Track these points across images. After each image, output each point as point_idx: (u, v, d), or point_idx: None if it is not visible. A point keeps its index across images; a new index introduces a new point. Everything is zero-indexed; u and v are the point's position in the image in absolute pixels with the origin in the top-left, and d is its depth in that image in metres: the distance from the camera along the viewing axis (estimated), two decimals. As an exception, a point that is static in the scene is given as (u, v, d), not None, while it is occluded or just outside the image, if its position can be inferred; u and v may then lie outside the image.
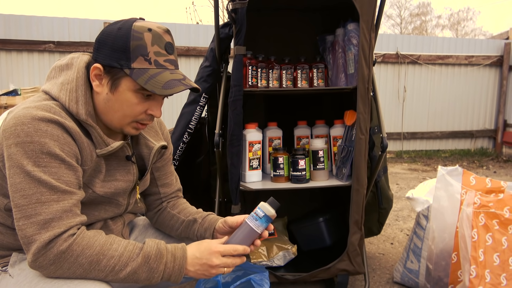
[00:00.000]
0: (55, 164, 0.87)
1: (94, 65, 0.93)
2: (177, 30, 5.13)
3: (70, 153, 0.90)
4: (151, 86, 0.91)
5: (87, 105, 0.95)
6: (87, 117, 0.94)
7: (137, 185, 1.11)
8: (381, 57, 5.62)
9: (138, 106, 0.96)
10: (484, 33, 20.88)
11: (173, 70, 0.96)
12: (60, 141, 0.88)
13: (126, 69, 0.92)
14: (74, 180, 0.90)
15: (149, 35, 0.93)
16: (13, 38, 4.64)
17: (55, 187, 0.86)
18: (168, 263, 0.93)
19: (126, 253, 0.90)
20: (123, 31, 0.92)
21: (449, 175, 1.62)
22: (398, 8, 20.94)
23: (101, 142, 0.97)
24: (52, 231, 0.84)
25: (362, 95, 1.66)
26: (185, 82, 0.96)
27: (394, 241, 2.52)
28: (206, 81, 1.93)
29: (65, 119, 0.90)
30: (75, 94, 0.94)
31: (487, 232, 1.41)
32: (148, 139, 1.13)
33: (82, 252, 0.86)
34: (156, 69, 0.93)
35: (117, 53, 0.91)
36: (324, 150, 1.86)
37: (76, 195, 0.90)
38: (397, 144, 5.97)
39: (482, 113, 6.24)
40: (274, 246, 1.87)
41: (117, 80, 0.93)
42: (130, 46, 0.91)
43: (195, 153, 2.07)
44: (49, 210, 0.85)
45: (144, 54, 0.92)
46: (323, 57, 2.05)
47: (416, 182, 4.25)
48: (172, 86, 0.93)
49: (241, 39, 1.65)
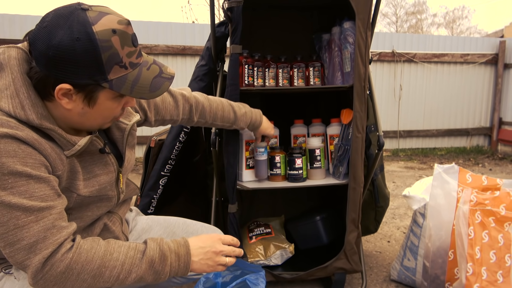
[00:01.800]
0: (22, 182, 0.79)
1: (60, 86, 0.81)
2: (173, 29, 5.11)
3: (35, 165, 0.81)
4: (138, 93, 0.87)
5: (36, 107, 0.83)
6: (40, 121, 0.83)
7: (120, 173, 1.05)
8: (377, 55, 5.63)
9: (117, 108, 0.93)
10: (479, 32, 20.98)
11: (144, 62, 0.89)
12: (19, 156, 0.79)
13: (103, 83, 0.83)
14: (49, 191, 0.83)
15: (116, 38, 0.81)
16: (7, 38, 4.60)
17: (29, 208, 0.79)
18: (173, 263, 0.93)
19: (128, 260, 0.88)
20: (85, 43, 0.78)
21: (445, 173, 1.63)
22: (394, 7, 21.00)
23: (66, 142, 0.88)
24: (41, 253, 0.80)
25: (358, 93, 1.65)
26: (166, 75, 0.92)
27: (391, 239, 2.53)
28: (202, 80, 1.92)
29: (16, 129, 0.80)
30: (18, 99, 0.82)
31: (483, 230, 1.41)
32: (119, 120, 1.05)
33: (82, 269, 0.83)
34: (133, 71, 0.86)
35: (87, 70, 0.80)
36: (321, 149, 1.86)
37: (55, 208, 0.84)
38: (393, 142, 5.99)
39: (478, 111, 6.26)
40: (271, 245, 1.86)
41: (94, 95, 0.85)
42: (101, 59, 0.80)
43: (191, 152, 2.06)
44: (30, 233, 0.79)
45: (119, 62, 0.83)
46: (319, 56, 2.05)
47: (412, 180, 4.26)
48: (158, 86, 0.89)
49: (237, 38, 1.64)
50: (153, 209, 1.93)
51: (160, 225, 1.28)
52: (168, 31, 5.09)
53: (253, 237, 1.92)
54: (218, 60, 1.91)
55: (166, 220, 1.30)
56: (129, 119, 1.08)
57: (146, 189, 1.89)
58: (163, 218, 1.31)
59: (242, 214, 2.14)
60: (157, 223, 1.29)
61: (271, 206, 2.25)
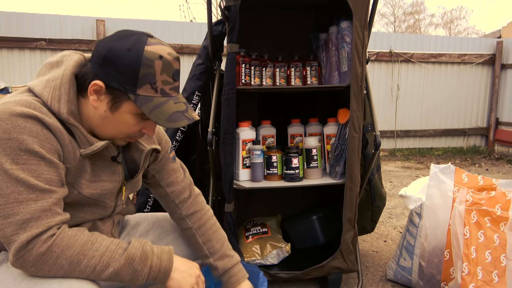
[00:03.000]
0: (35, 161, 0.85)
1: (95, 82, 0.90)
2: (170, 28, 5.10)
3: (51, 150, 0.87)
4: (155, 117, 0.91)
5: (70, 103, 0.92)
6: (68, 116, 0.91)
7: (123, 186, 1.08)
8: (375, 55, 5.64)
9: (135, 127, 0.96)
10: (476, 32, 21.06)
11: (177, 97, 0.95)
12: (39, 137, 0.85)
13: (131, 94, 0.90)
14: (56, 177, 0.88)
15: (160, 63, 0.90)
16: (4, 35, 4.59)
17: (34, 186, 0.84)
18: (154, 266, 0.93)
19: (108, 253, 0.89)
20: (133, 55, 0.88)
21: (441, 173, 1.63)
22: (392, 7, 21.04)
23: (85, 141, 0.94)
24: (30, 231, 0.82)
25: (355, 93, 1.66)
26: (188, 115, 0.95)
27: (387, 239, 2.53)
28: (199, 79, 1.92)
29: (45, 115, 0.87)
30: (58, 92, 0.91)
31: (479, 230, 1.41)
32: (139, 142, 1.10)
33: (61, 253, 0.84)
34: (161, 97, 0.92)
35: (123, 77, 0.89)
36: (318, 148, 1.86)
37: (56, 193, 0.87)
38: (390, 142, 6.00)
39: (475, 111, 6.29)
40: (268, 244, 1.86)
41: (118, 102, 0.91)
42: (139, 72, 0.89)
43: (188, 151, 2.06)
44: (26, 210, 0.83)
45: (152, 82, 0.90)
46: (316, 55, 2.05)
47: (409, 180, 4.27)
48: (175, 120, 0.92)
49: (234, 37, 1.64)
50: (150, 208, 1.93)
51: (148, 221, 1.29)
52: (166, 29, 5.08)
53: (250, 237, 1.92)
54: (215, 59, 1.90)
55: (154, 216, 1.32)
56: (149, 145, 1.12)
57: (143, 188, 1.88)
58: (151, 214, 1.33)
59: (238, 213, 2.14)
60: (145, 219, 1.31)
61: (267, 205, 2.25)
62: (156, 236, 1.26)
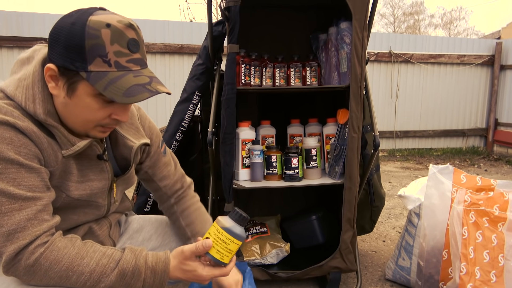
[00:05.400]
0: (13, 170, 0.80)
1: (48, 66, 0.83)
2: (170, 28, 5.10)
3: (29, 155, 0.82)
4: (110, 93, 0.81)
5: (45, 103, 0.86)
6: (46, 117, 0.85)
7: (113, 183, 1.04)
8: (374, 56, 5.65)
9: (99, 112, 0.87)
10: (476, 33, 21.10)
11: (138, 71, 0.85)
12: (14, 144, 0.80)
13: (82, 72, 0.81)
14: (38, 183, 0.84)
15: (107, 32, 0.80)
16: (4, 35, 4.59)
17: (15, 195, 0.80)
18: (147, 279, 0.89)
19: (98, 268, 0.85)
20: (77, 27, 0.80)
21: (440, 173, 1.64)
22: (392, 7, 21.07)
23: (66, 141, 0.88)
24: (17, 243, 0.80)
25: (354, 93, 1.66)
26: (151, 87, 0.84)
27: (386, 239, 2.54)
28: (199, 79, 1.92)
29: (18, 119, 0.82)
30: (32, 92, 0.85)
31: (477, 230, 1.42)
32: (127, 138, 1.04)
33: (50, 267, 0.82)
34: (117, 72, 0.82)
35: (71, 53, 0.80)
36: (317, 149, 1.86)
37: (41, 199, 0.84)
38: (389, 142, 6.01)
39: (474, 112, 6.30)
40: (267, 244, 1.87)
41: (73, 84, 0.83)
42: (85, 45, 0.79)
43: (188, 151, 2.07)
44: (11, 221, 0.80)
45: (102, 55, 0.80)
46: (316, 56, 2.05)
47: (408, 180, 4.28)
48: (134, 94, 0.82)
49: (234, 37, 1.65)
50: (149, 207, 1.93)
51: (152, 225, 1.27)
52: (165, 29, 5.08)
53: (249, 236, 1.92)
54: (215, 59, 1.91)
55: (158, 219, 1.29)
56: (138, 139, 1.07)
57: (143, 187, 1.89)
58: (155, 217, 1.30)
59: (238, 213, 2.14)
60: (148, 222, 1.28)
61: (267, 205, 2.26)
62: (159, 242, 1.23)
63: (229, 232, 0.89)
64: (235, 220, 0.91)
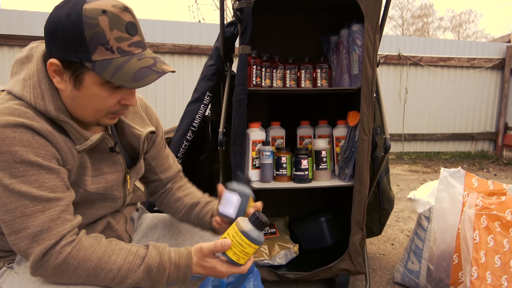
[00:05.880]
0: (33, 172, 0.81)
1: (50, 61, 0.83)
2: (180, 28, 5.13)
3: (47, 156, 0.83)
4: (118, 79, 0.82)
5: (55, 99, 0.86)
6: (57, 113, 0.86)
7: (127, 175, 1.05)
8: (383, 58, 5.63)
9: (109, 99, 0.87)
10: (486, 36, 20.92)
11: (141, 54, 0.86)
12: (32, 146, 0.81)
13: (86, 62, 0.81)
14: (59, 183, 0.85)
15: (105, 18, 0.80)
16: (16, 34, 4.64)
17: (38, 197, 0.81)
18: (171, 274, 0.90)
19: (126, 265, 0.86)
20: (73, 18, 0.79)
21: (451, 177, 1.63)
22: (400, 10, 20.96)
23: (79, 136, 0.90)
24: (43, 244, 0.81)
25: (366, 96, 1.66)
26: (157, 68, 0.85)
27: (395, 242, 2.53)
28: (211, 79, 1.93)
29: (33, 120, 0.82)
30: (39, 90, 0.85)
31: (488, 234, 1.41)
32: (134, 127, 1.05)
33: (78, 266, 0.83)
34: (121, 57, 0.82)
35: (72, 46, 0.80)
36: (327, 150, 1.86)
37: (62, 200, 0.85)
38: (397, 145, 5.98)
39: (483, 115, 6.25)
40: (276, 245, 1.87)
41: (79, 76, 0.83)
42: (85, 36, 0.79)
43: (198, 151, 2.08)
44: (35, 222, 0.80)
45: (104, 43, 0.80)
46: (327, 58, 2.05)
47: (416, 183, 4.26)
48: (142, 77, 0.83)
49: (246, 39, 1.65)
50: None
51: (165, 223, 1.28)
52: (175, 30, 5.11)
53: (258, 237, 1.93)
54: (227, 60, 1.92)
55: (171, 218, 1.30)
56: (144, 128, 1.08)
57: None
58: (168, 216, 1.31)
59: (246, 213, 2.15)
60: (162, 221, 1.29)
61: (276, 206, 2.26)
62: (173, 240, 1.24)
63: (246, 236, 0.89)
64: (254, 225, 0.91)
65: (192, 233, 1.25)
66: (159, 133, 1.18)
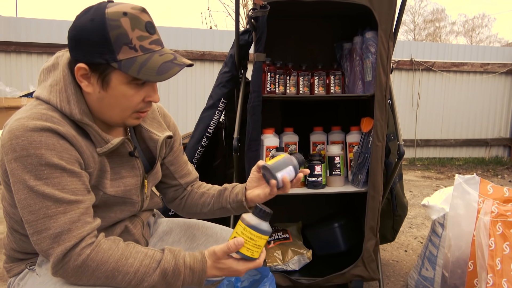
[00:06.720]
0: (57, 174, 0.85)
1: (78, 66, 0.88)
2: (192, 35, 5.20)
3: (71, 160, 0.87)
4: (144, 75, 0.87)
5: (80, 103, 0.91)
6: (82, 116, 0.90)
7: (145, 179, 1.09)
8: (395, 63, 5.61)
9: (135, 97, 0.92)
10: (499, 40, 20.66)
11: (161, 50, 0.91)
12: (57, 149, 0.85)
13: (113, 63, 0.86)
14: (80, 186, 0.88)
15: (127, 20, 0.86)
16: (34, 41, 4.76)
17: (60, 199, 0.84)
18: (186, 277, 0.92)
19: (142, 268, 0.88)
20: (96, 22, 0.85)
21: (466, 184, 1.63)
22: (412, 14, 20.85)
23: (100, 140, 0.94)
24: (64, 245, 0.84)
25: (379, 102, 1.67)
26: (178, 62, 0.91)
27: (408, 249, 2.51)
28: (225, 86, 1.96)
29: (58, 124, 0.87)
30: (65, 94, 0.90)
31: (504, 241, 1.40)
32: (152, 132, 1.09)
33: (97, 268, 0.86)
34: (144, 54, 0.88)
35: (98, 48, 0.85)
36: (341, 156, 1.87)
37: (83, 202, 0.88)
38: (410, 151, 5.94)
39: (497, 121, 6.17)
40: (289, 250, 1.89)
41: (106, 77, 0.88)
42: (110, 37, 0.85)
43: (212, 156, 2.11)
44: (57, 223, 0.84)
45: (128, 42, 0.86)
46: (340, 64, 2.07)
47: (429, 190, 4.22)
48: (166, 70, 0.88)
49: (261, 46, 1.68)
50: (174, 212, 1.97)
51: (180, 228, 1.30)
52: (188, 36, 5.18)
53: (271, 242, 1.94)
54: (241, 67, 1.95)
55: (186, 222, 1.32)
56: (162, 132, 1.11)
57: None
58: (183, 220, 1.33)
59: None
60: (177, 225, 1.31)
61: (289, 211, 2.27)
62: (187, 245, 1.26)
63: (255, 230, 0.92)
64: (259, 217, 0.94)
65: (207, 237, 1.27)
66: (176, 139, 1.21)
